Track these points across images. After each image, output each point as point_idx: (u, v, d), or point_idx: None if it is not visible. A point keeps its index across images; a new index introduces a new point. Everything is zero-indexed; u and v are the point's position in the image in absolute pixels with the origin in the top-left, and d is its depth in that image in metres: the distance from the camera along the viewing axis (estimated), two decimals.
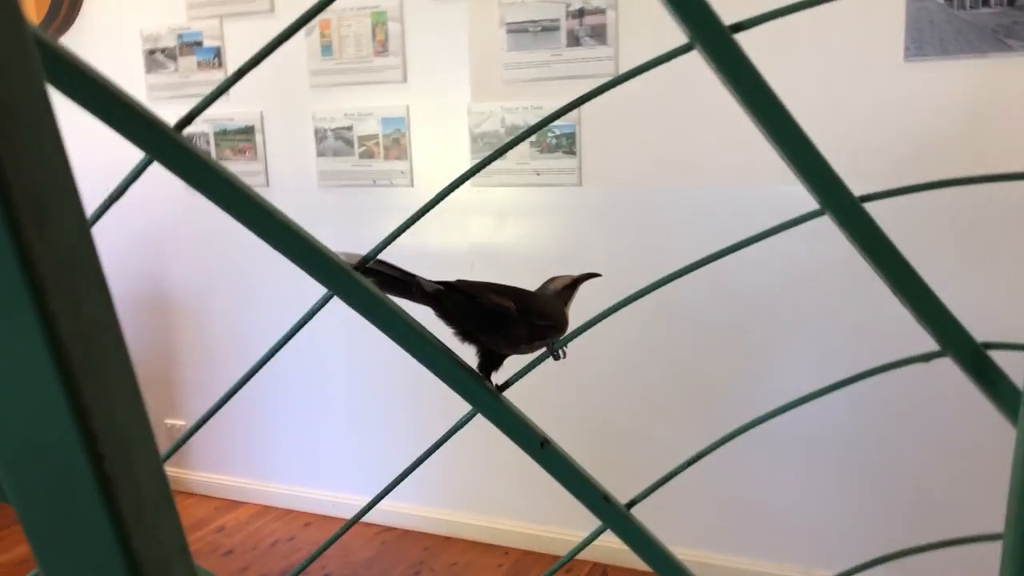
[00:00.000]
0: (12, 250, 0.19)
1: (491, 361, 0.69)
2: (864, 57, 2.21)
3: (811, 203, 0.65)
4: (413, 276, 0.64)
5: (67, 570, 0.23)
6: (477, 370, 0.68)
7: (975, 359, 0.59)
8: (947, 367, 0.66)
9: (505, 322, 0.66)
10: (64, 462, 0.22)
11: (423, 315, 0.63)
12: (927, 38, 2.15)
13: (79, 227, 0.21)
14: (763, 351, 2.44)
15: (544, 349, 0.70)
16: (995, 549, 0.60)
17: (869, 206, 0.58)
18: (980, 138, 2.14)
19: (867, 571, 0.77)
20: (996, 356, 0.61)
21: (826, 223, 0.83)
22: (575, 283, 0.76)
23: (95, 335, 0.21)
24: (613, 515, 0.66)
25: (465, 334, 0.68)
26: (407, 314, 0.60)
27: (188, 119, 0.51)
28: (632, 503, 0.68)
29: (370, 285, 0.58)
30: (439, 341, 0.62)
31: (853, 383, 0.71)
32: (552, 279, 0.78)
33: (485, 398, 0.63)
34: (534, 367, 0.68)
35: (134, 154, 0.48)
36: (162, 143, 0.50)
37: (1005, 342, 0.60)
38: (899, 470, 2.34)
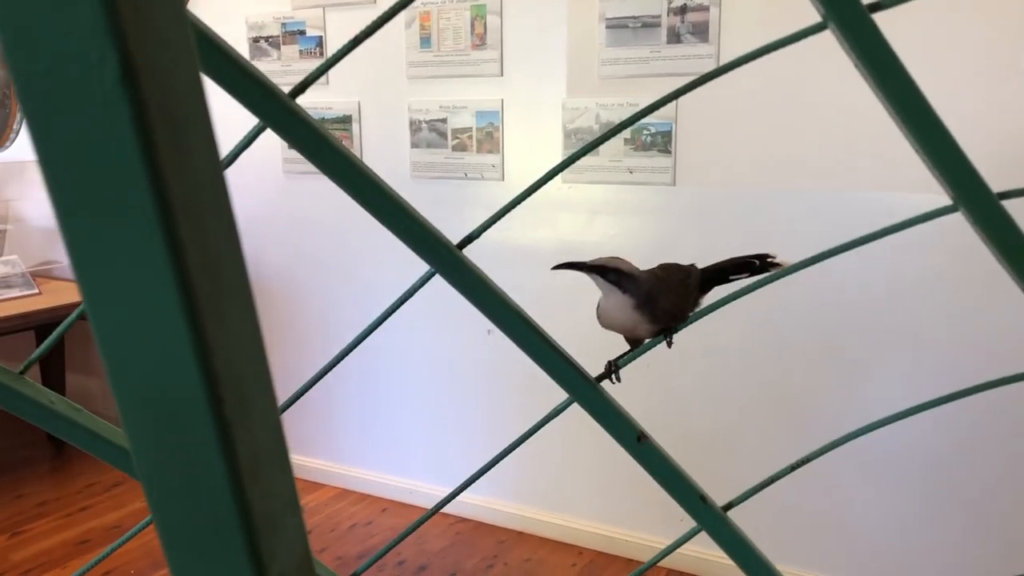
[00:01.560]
0: (146, 171, 0.18)
1: (627, 352, 0.69)
2: (985, 62, 2.11)
3: (917, 207, 0.61)
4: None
5: (179, 518, 0.22)
6: (609, 362, 0.68)
7: None
8: None
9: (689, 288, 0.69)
10: (182, 403, 0.21)
11: (522, 299, 0.62)
12: None
13: (212, 158, 0.20)
14: (857, 363, 2.35)
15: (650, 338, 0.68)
16: None
17: (1007, 204, 0.54)
18: None
19: None
20: None
21: (927, 231, 0.78)
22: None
23: (221, 272, 0.21)
24: (710, 517, 0.63)
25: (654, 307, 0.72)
26: (508, 296, 0.59)
27: (302, 87, 0.51)
28: (729, 506, 0.66)
29: (473, 265, 0.57)
30: (539, 327, 0.60)
31: (963, 397, 0.66)
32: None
33: (583, 387, 0.61)
34: (646, 351, 0.67)
35: (236, 138, 0.48)
36: (276, 110, 0.50)
37: None
38: (996, 495, 2.23)
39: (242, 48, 3.21)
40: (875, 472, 2.37)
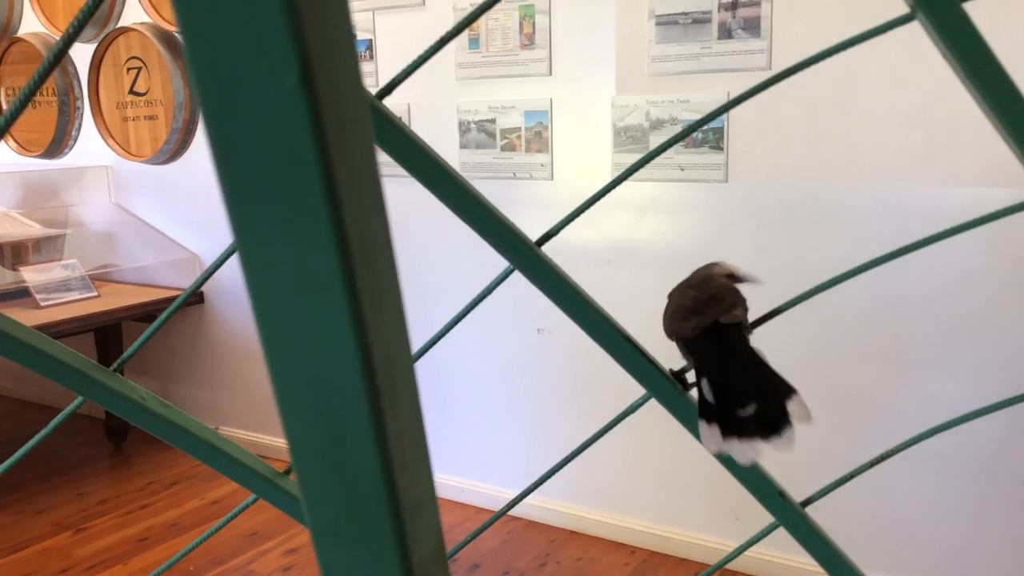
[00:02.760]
0: (319, 165, 0.19)
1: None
2: None
3: (979, 202, 0.60)
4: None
5: (330, 504, 0.23)
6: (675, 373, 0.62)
7: None
8: None
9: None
10: (341, 392, 0.21)
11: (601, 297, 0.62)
12: None
13: (369, 152, 0.21)
14: (916, 362, 2.31)
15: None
16: None
17: None
18: None
19: None
20: None
21: (993, 225, 0.77)
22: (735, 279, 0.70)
23: (377, 261, 0.21)
24: (789, 513, 0.63)
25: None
26: (587, 294, 0.59)
27: (389, 88, 0.52)
28: (808, 501, 0.65)
29: (552, 262, 0.58)
30: (618, 324, 0.61)
31: None
32: (713, 264, 0.72)
33: (664, 386, 0.61)
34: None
35: None
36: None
37: None
38: None
39: None
40: (932, 469, 2.32)
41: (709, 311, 0.60)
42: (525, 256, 0.56)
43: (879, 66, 2.22)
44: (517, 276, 0.58)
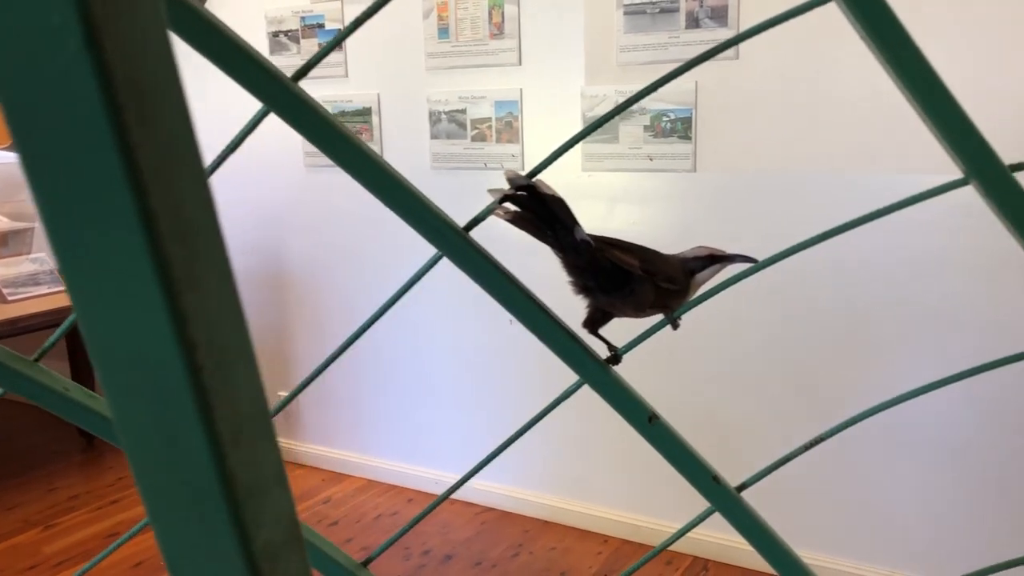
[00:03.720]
0: (112, 137, 0.18)
1: (599, 317, 0.66)
2: (998, 36, 2.08)
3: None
4: (576, 221, 0.61)
5: (163, 486, 0.23)
6: (582, 324, 0.66)
7: None
8: None
9: (627, 281, 0.64)
10: (161, 370, 0.21)
11: (530, 279, 0.62)
12: None
13: (183, 127, 0.20)
14: (881, 347, 2.33)
15: (661, 317, 0.67)
16: None
17: (1020, 177, 0.53)
18: None
19: None
20: None
21: (951, 208, 0.77)
22: (716, 258, 0.72)
23: (196, 238, 0.21)
24: (723, 497, 0.63)
25: (585, 289, 0.66)
26: (517, 279, 0.59)
27: (305, 70, 0.51)
28: (743, 486, 0.65)
29: (481, 248, 0.57)
30: (549, 309, 0.60)
31: (980, 373, 0.65)
32: (699, 248, 0.75)
33: (593, 369, 0.61)
34: (650, 335, 0.65)
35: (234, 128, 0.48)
36: (280, 93, 0.50)
37: None
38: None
39: (261, 43, 3.22)
40: (902, 453, 2.34)
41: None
42: (453, 242, 0.56)
43: (842, 55, 2.22)
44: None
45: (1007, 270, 2.14)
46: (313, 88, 3.15)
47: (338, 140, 0.52)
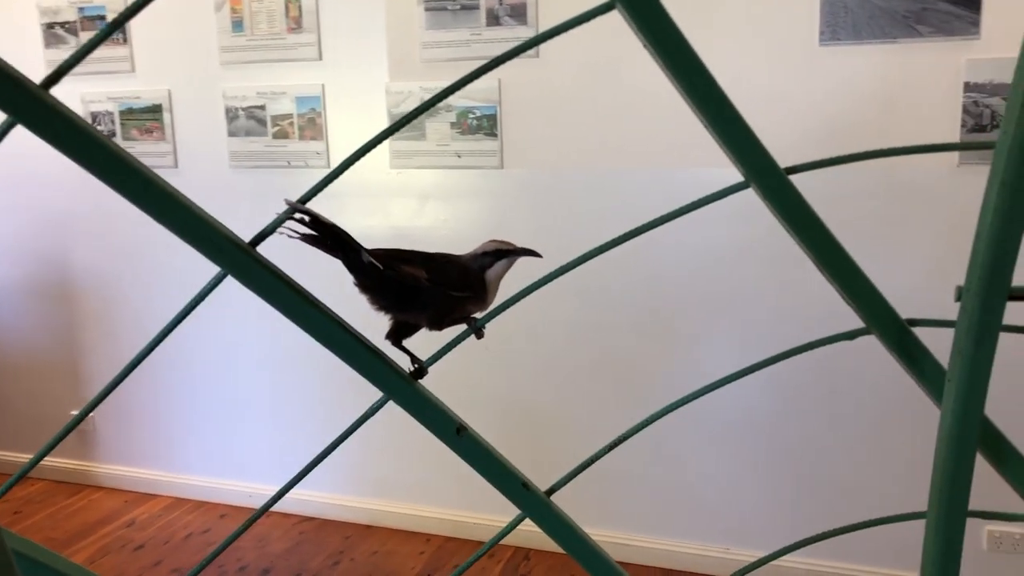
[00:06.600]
0: None
1: (402, 329, 0.65)
2: (781, 40, 2.23)
3: (731, 182, 0.62)
4: (359, 245, 0.60)
5: None
6: (386, 337, 0.64)
7: (900, 336, 0.58)
8: (869, 347, 0.65)
9: (419, 294, 0.62)
10: None
11: (326, 295, 0.59)
12: (841, 23, 2.18)
13: None
14: (685, 335, 2.45)
15: (466, 327, 0.66)
16: (920, 527, 0.59)
17: (795, 179, 0.56)
18: (890, 120, 2.18)
19: (798, 553, 0.76)
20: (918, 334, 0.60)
21: (747, 203, 0.81)
22: (503, 252, 0.72)
23: None
24: (533, 503, 0.63)
25: (381, 307, 0.64)
26: (311, 294, 0.56)
27: (55, 76, 0.46)
28: (552, 490, 0.66)
29: (268, 263, 0.54)
30: (347, 324, 0.58)
31: (779, 361, 0.69)
32: (487, 243, 0.74)
33: (397, 384, 0.59)
34: (454, 346, 0.64)
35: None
36: (27, 103, 0.45)
37: (929, 318, 0.59)
38: (824, 451, 2.39)
39: (34, 35, 2.96)
40: (708, 437, 2.48)
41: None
42: (237, 259, 0.52)
43: (640, 57, 2.31)
44: (307, 267, 0.53)
45: (792, 259, 2.30)
46: (94, 84, 2.93)
47: (96, 151, 0.47)
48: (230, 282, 0.56)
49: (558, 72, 2.42)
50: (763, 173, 0.53)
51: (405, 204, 2.66)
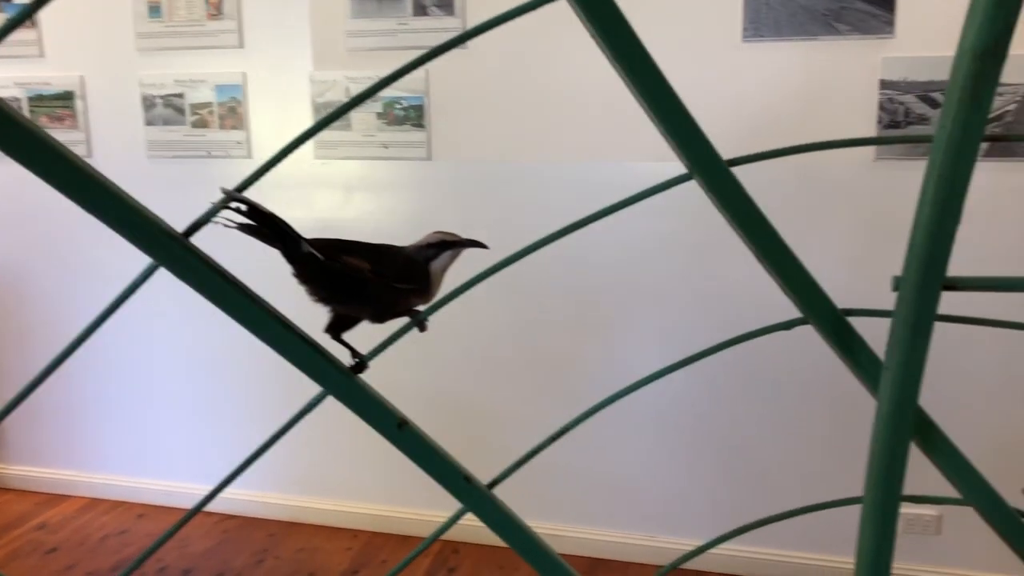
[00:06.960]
0: None
1: (342, 322, 0.63)
2: (704, 37, 2.26)
3: (663, 176, 0.63)
4: (299, 235, 0.58)
5: None
6: (324, 330, 0.62)
7: (836, 326, 0.59)
8: (793, 336, 0.66)
9: (362, 287, 0.61)
10: None
11: (262, 286, 0.57)
12: (764, 20, 2.22)
13: None
14: (613, 326, 2.47)
15: (408, 320, 0.65)
16: (855, 513, 0.60)
17: (737, 171, 0.56)
18: (810, 115, 2.23)
19: (729, 541, 0.78)
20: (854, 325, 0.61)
21: (671, 197, 0.81)
22: (448, 244, 0.71)
23: None
24: (475, 496, 0.62)
25: (321, 299, 0.62)
26: (247, 287, 0.54)
27: None
28: (494, 483, 0.65)
29: (203, 254, 0.52)
30: (284, 317, 0.56)
31: (721, 351, 0.70)
32: (432, 234, 0.73)
33: (337, 378, 0.57)
34: (397, 339, 0.63)
35: None
36: None
37: (865, 308, 0.61)
38: (756, 440, 2.44)
39: None
40: (637, 428, 2.51)
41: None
42: (170, 250, 0.50)
43: (570, 48, 2.32)
44: (253, 263, 0.51)
45: (714, 251, 2.34)
46: (0, 68, 2.79)
47: (20, 136, 0.44)
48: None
49: (486, 63, 2.41)
50: (706, 165, 0.53)
51: (330, 195, 2.61)
